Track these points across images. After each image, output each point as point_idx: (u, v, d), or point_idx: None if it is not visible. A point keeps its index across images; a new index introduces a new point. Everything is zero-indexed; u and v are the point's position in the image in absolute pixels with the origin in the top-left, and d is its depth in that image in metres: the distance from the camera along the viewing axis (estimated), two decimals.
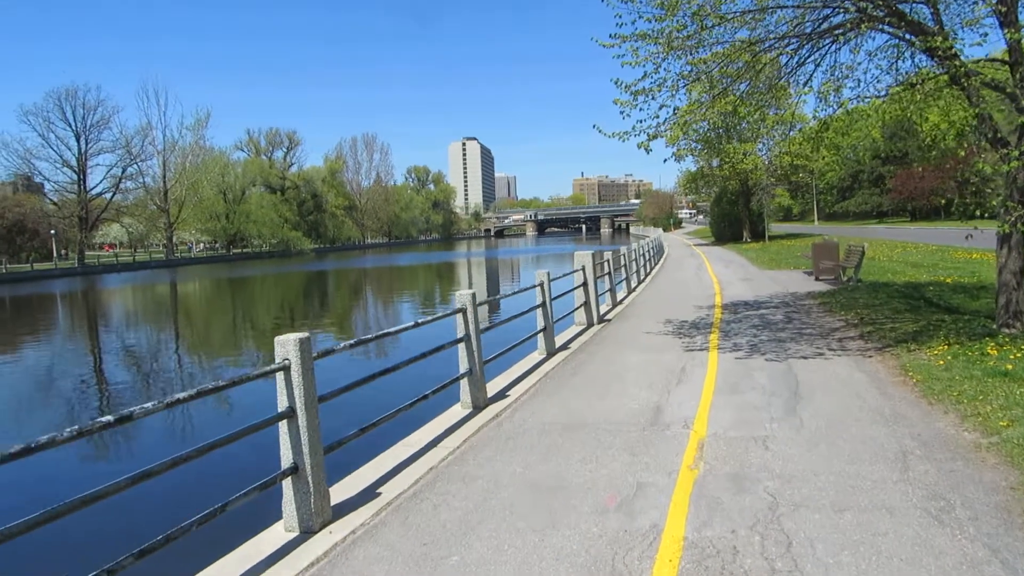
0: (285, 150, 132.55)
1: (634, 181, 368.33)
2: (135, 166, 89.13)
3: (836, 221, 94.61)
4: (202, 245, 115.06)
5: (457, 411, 7.81)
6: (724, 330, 12.30)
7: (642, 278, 24.27)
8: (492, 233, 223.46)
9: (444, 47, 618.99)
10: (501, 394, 8.51)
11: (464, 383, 7.87)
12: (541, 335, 11.07)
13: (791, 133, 47.78)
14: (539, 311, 11.09)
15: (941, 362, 8.32)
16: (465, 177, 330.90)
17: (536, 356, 10.89)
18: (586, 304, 14.05)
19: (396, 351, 16.44)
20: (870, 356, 9.35)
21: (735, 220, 53.22)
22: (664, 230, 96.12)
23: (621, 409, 7.47)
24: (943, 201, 76.91)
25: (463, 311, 7.87)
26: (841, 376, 8.36)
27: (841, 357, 9.44)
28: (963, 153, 11.75)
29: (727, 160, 47.46)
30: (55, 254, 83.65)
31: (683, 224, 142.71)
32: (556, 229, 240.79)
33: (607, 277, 17.16)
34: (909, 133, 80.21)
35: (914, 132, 78.99)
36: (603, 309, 16.10)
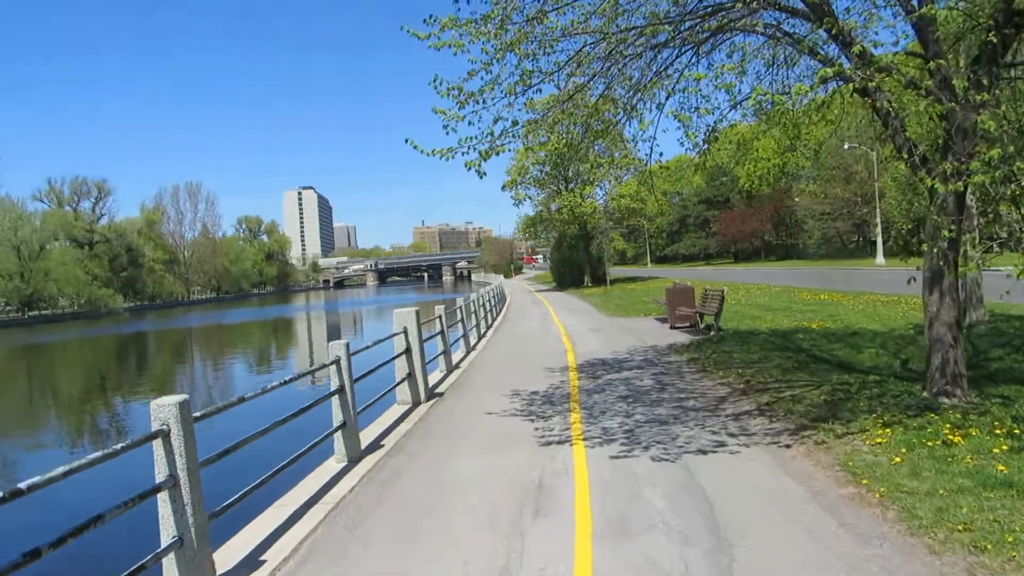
0: (94, 201, 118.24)
1: (475, 228, 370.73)
2: None
3: (667, 264, 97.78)
4: None
5: None
6: (587, 406, 9.52)
7: (483, 332, 21.45)
8: (332, 284, 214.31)
9: (278, 89, 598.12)
10: (250, 562, 5.13)
11: (171, 561, 4.45)
12: (340, 434, 7.76)
13: (626, 177, 47.73)
14: (335, 400, 7.79)
15: (897, 459, 5.90)
16: (302, 227, 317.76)
17: (333, 466, 7.55)
18: (410, 377, 10.87)
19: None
20: (787, 446, 6.84)
21: (576, 265, 52.20)
22: (505, 276, 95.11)
23: None
24: (760, 241, 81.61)
25: (162, 435, 4.47)
26: (769, 488, 5.72)
27: (750, 448, 6.87)
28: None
29: (566, 204, 46.51)
30: None
31: (523, 270, 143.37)
32: (398, 278, 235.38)
33: (439, 337, 14.11)
34: (730, 178, 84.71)
35: (735, 178, 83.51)
36: (435, 378, 12.99)
